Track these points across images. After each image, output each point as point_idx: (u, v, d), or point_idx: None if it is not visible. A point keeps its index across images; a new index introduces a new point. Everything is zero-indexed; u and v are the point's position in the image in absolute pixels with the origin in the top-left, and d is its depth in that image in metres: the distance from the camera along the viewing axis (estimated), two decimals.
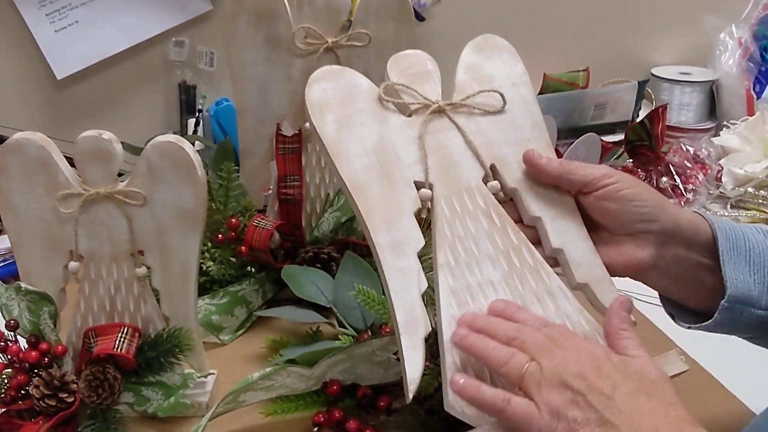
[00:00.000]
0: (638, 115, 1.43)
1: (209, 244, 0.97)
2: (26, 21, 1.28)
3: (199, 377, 0.81)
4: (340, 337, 0.87)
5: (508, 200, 0.70)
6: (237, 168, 1.00)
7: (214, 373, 0.83)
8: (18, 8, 1.27)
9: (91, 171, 0.74)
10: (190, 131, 1.33)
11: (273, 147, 0.99)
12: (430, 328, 0.63)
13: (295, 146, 0.98)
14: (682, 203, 1.27)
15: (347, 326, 0.89)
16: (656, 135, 1.26)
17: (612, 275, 0.67)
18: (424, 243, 0.65)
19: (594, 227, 0.69)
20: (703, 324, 0.68)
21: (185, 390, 0.80)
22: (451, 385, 0.59)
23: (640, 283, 0.69)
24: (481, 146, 0.69)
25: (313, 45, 0.95)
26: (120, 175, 0.75)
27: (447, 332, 0.62)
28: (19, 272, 0.78)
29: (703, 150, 1.37)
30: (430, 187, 0.67)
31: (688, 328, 0.70)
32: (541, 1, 1.44)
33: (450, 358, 0.61)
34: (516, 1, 1.43)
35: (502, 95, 0.71)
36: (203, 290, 0.97)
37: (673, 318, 0.73)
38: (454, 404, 0.60)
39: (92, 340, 0.77)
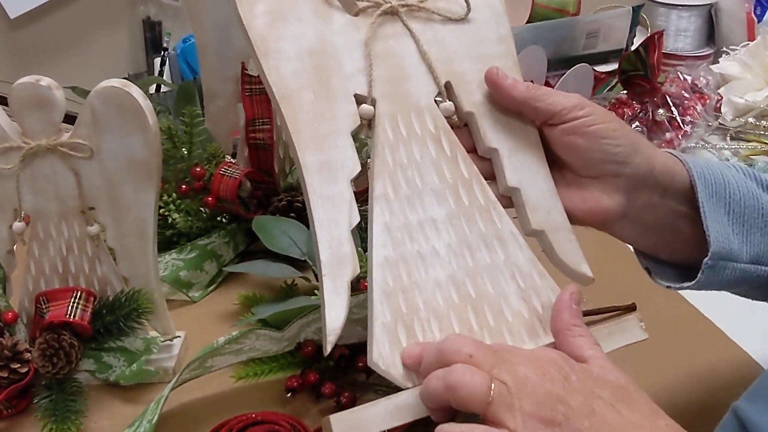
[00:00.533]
0: (633, 43, 1.35)
1: (174, 194, 0.90)
2: None
3: (163, 341, 0.75)
4: (316, 292, 0.82)
5: (462, 125, 0.61)
6: (202, 112, 0.93)
7: (180, 336, 0.78)
8: None
9: (31, 122, 0.67)
10: (158, 71, 1.25)
11: (239, 88, 0.91)
12: (358, 270, 0.54)
13: (262, 87, 0.90)
14: (680, 136, 1.20)
15: None
16: (652, 64, 1.19)
17: (573, 223, 0.59)
18: (360, 169, 0.56)
19: (557, 166, 0.60)
20: (685, 285, 0.60)
21: (149, 355, 0.74)
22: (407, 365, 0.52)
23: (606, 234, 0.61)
24: (438, 59, 0.59)
25: None
26: None
27: (378, 276, 0.54)
28: None
29: (701, 79, 1.30)
30: (373, 103, 0.58)
31: (668, 287, 0.62)
32: None
33: (379, 307, 0.53)
34: None
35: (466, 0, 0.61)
36: (170, 244, 0.91)
37: (650, 273, 0.64)
38: (378, 362, 0.52)
39: (44, 306, 0.71)
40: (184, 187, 0.90)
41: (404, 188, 0.56)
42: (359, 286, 0.79)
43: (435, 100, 0.60)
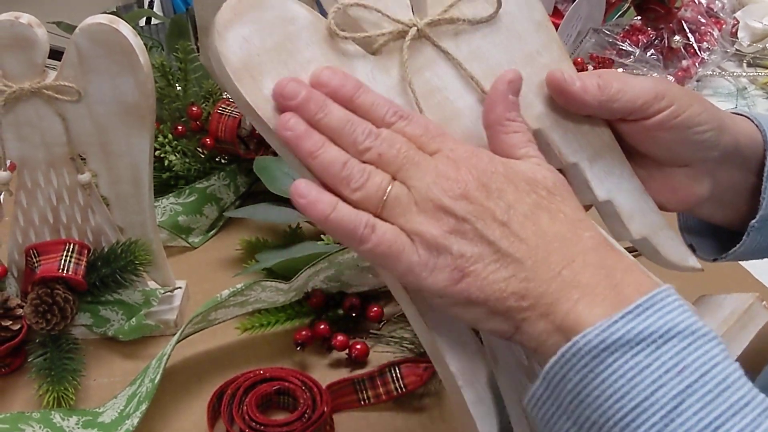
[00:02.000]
0: None
1: (170, 135, 0.85)
2: None
3: (163, 293, 0.71)
4: (322, 237, 0.78)
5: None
6: (196, 47, 0.87)
7: (181, 287, 0.74)
8: None
9: (12, 63, 0.62)
10: (148, 3, 1.18)
11: None
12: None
13: None
14: (696, 64, 1.15)
15: None
16: None
17: (662, 210, 0.53)
18: None
19: (637, 158, 0.52)
20: (731, 252, 0.56)
21: (148, 308, 0.70)
22: (295, 196, 0.41)
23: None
24: (483, 77, 0.48)
25: None
26: None
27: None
28: None
29: (717, 2, 1.24)
30: None
31: (714, 260, 0.58)
32: None
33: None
34: None
35: None
36: (167, 188, 0.86)
37: (694, 250, 0.58)
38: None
39: (35, 260, 0.67)
40: (180, 128, 0.85)
41: None
42: None
43: None
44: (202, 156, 0.88)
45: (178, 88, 0.85)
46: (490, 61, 0.49)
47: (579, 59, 1.09)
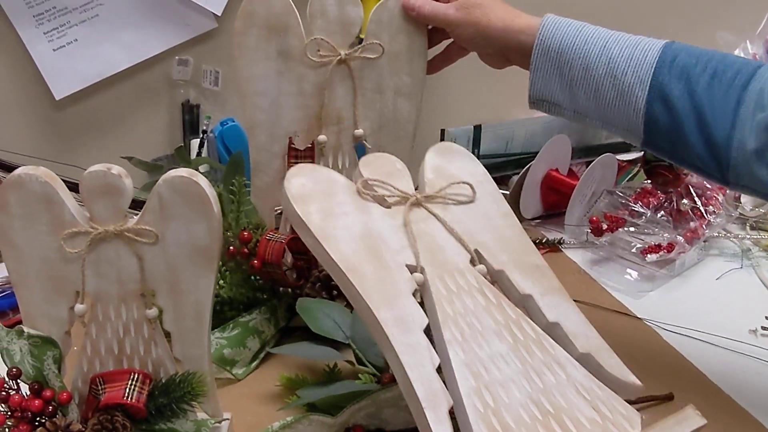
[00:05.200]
0: None
1: (220, 262, 0.93)
2: (23, 39, 1.23)
3: (213, 423, 0.76)
4: (360, 376, 0.83)
5: (493, 283, 0.71)
6: (248, 184, 0.96)
7: (228, 419, 0.79)
8: (14, 26, 1.22)
9: (100, 208, 0.69)
10: (193, 152, 1.28)
11: (285, 164, 0.95)
12: (452, 402, 0.60)
13: (308, 161, 0.94)
14: (704, 225, 1.23)
15: (367, 364, 0.85)
16: None
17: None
18: (427, 322, 0.65)
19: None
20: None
21: None
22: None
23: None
24: (462, 233, 0.72)
25: (325, 57, 0.91)
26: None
27: (469, 403, 0.60)
28: (21, 314, 0.74)
29: None
30: (422, 271, 0.68)
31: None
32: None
33: (477, 429, 0.59)
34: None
35: (471, 185, 0.76)
36: (214, 312, 0.92)
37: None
38: None
39: (100, 387, 0.73)
40: (231, 248, 0.92)
41: (467, 331, 0.65)
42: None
43: (470, 263, 0.71)
44: (248, 284, 0.94)
45: (230, 218, 0.93)
46: (467, 225, 0.73)
47: (594, 218, 1.18)
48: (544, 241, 1.22)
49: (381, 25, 0.93)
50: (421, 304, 0.67)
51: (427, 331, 0.65)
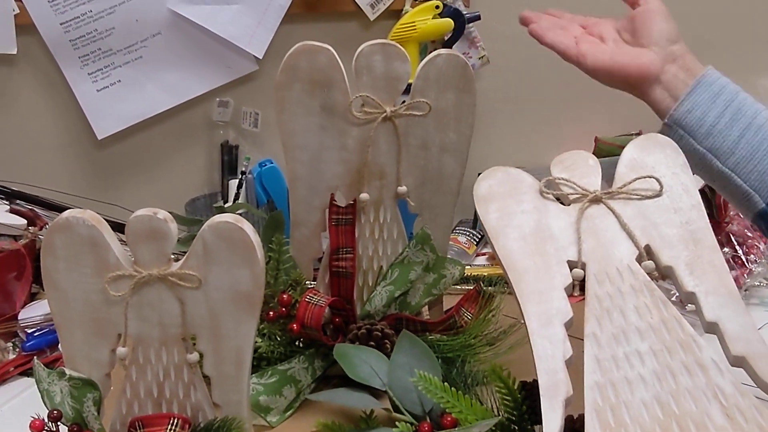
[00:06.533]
0: None
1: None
2: (68, 79, 1.26)
3: None
4: (397, 424, 0.82)
5: (663, 278, 0.75)
6: (287, 239, 0.96)
7: None
8: (60, 67, 1.25)
9: (144, 252, 0.70)
10: (232, 192, 1.29)
11: (325, 218, 0.95)
12: (571, 392, 0.64)
13: (348, 217, 0.94)
14: (745, 274, 1.21)
15: (404, 411, 0.84)
16: (718, 204, 1.21)
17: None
18: (572, 315, 0.69)
19: None
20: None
21: None
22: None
23: None
24: (638, 228, 0.74)
25: (370, 114, 0.91)
26: None
27: (589, 396, 0.64)
28: (62, 354, 0.74)
29: None
30: (583, 267, 0.73)
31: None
32: None
33: (590, 422, 0.63)
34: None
35: (658, 180, 0.77)
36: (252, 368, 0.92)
37: None
38: None
39: (139, 431, 0.72)
40: (272, 313, 0.92)
41: (610, 327, 0.68)
42: (441, 420, 0.80)
43: (637, 260, 0.73)
44: (284, 339, 0.94)
45: (270, 277, 0.93)
46: (648, 220, 0.75)
47: None
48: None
49: (428, 82, 0.91)
50: None
51: None
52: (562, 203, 0.78)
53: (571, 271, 0.73)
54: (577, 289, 0.71)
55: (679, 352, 0.66)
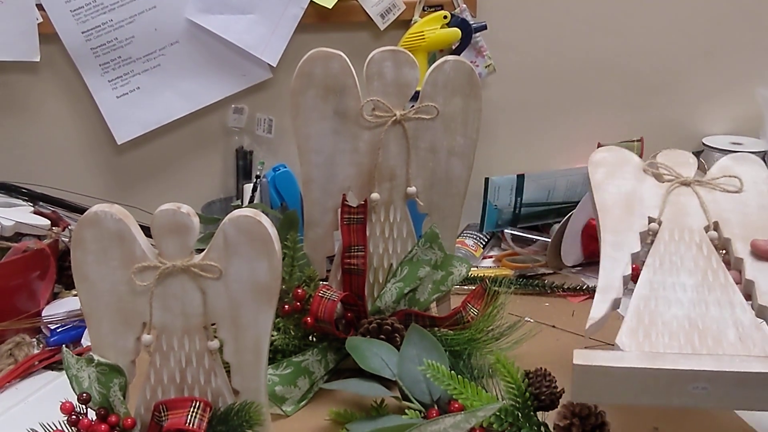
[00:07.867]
0: None
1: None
2: (89, 87, 1.30)
3: None
4: (406, 411, 0.86)
5: (722, 250, 0.87)
6: (301, 237, 1.00)
7: None
8: (81, 74, 1.29)
9: (168, 244, 0.74)
10: (246, 196, 1.34)
11: (337, 217, 0.99)
12: (621, 294, 0.80)
13: (360, 217, 0.98)
14: None
15: (413, 400, 0.88)
16: None
17: None
18: (639, 249, 0.85)
19: None
20: None
21: None
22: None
23: None
24: (712, 209, 0.89)
25: (381, 118, 0.96)
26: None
27: (634, 302, 0.78)
28: (90, 343, 0.78)
29: None
30: (659, 223, 0.88)
31: None
32: (594, 72, 1.44)
33: (629, 317, 0.76)
34: (570, 72, 1.43)
35: (740, 179, 0.92)
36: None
37: None
38: (619, 344, 0.74)
39: (162, 414, 0.77)
40: (287, 307, 0.96)
41: (667, 263, 0.83)
42: (449, 407, 0.84)
43: (704, 229, 0.87)
44: (298, 333, 0.98)
45: (285, 273, 0.97)
46: (720, 206, 0.90)
47: (635, 266, 1.19)
48: (584, 288, 1.25)
49: (436, 88, 0.96)
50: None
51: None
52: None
53: (649, 224, 0.88)
54: (649, 238, 0.87)
55: (716, 290, 0.79)
